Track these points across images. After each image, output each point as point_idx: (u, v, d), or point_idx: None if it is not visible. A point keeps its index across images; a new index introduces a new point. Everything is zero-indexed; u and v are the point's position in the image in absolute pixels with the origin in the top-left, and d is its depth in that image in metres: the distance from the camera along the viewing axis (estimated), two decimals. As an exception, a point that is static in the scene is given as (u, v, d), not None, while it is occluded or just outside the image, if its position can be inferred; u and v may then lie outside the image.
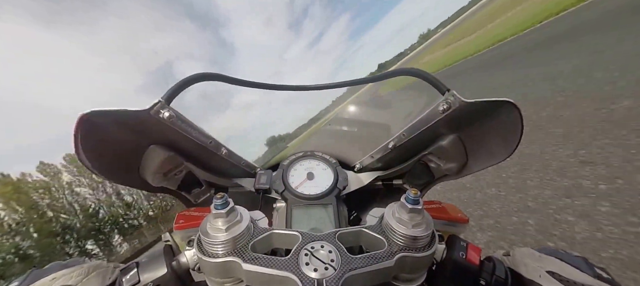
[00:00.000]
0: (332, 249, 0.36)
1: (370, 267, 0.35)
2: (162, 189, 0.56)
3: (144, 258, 0.43)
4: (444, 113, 0.47)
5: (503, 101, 0.42)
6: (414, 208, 0.38)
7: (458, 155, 0.53)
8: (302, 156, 0.70)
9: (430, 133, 0.53)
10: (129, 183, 0.49)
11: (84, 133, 0.38)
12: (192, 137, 0.50)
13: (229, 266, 0.37)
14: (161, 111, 0.44)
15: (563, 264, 0.37)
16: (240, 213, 0.39)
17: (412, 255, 0.37)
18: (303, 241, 0.38)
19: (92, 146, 0.40)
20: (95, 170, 0.41)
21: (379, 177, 0.70)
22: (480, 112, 0.46)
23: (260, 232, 0.40)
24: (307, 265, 0.34)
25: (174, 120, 0.46)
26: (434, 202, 0.59)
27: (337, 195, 0.62)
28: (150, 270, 0.40)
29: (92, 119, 0.37)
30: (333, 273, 0.33)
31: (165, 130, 0.46)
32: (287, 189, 0.62)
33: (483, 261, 0.43)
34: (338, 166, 0.68)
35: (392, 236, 0.38)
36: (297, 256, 0.36)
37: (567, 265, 0.37)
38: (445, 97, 0.47)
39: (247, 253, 0.36)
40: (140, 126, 0.44)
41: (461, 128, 0.51)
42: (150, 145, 0.48)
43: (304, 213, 0.59)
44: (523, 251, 0.43)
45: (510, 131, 0.44)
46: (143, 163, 0.49)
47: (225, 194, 0.38)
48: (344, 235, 0.40)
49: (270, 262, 0.35)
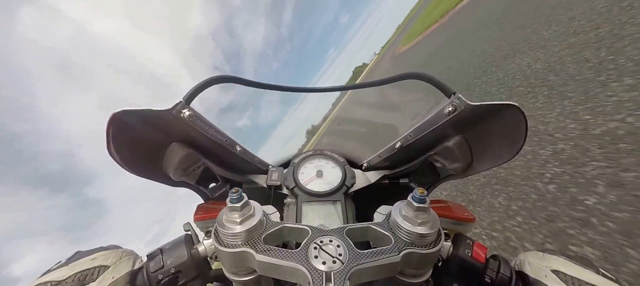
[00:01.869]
0: (340, 243, 0.38)
1: (377, 262, 0.37)
2: (182, 183, 0.59)
3: (167, 245, 0.46)
4: (450, 115, 0.48)
5: (508, 104, 0.43)
6: (420, 206, 0.39)
7: (463, 155, 0.54)
8: (312, 154, 0.72)
9: (436, 134, 0.54)
10: (152, 177, 0.53)
11: (115, 131, 0.41)
12: (210, 135, 0.53)
13: (243, 256, 0.39)
14: (182, 111, 0.47)
15: (568, 263, 0.38)
16: (253, 207, 0.42)
17: (418, 251, 0.38)
18: (312, 236, 0.40)
19: (121, 142, 0.43)
20: (123, 164, 0.44)
21: (385, 175, 0.72)
22: (485, 115, 0.47)
23: (272, 225, 0.42)
24: (316, 258, 0.36)
25: (194, 120, 0.49)
26: (441, 201, 0.60)
27: (345, 192, 0.64)
28: (172, 256, 0.44)
29: (122, 118, 0.41)
30: (341, 266, 0.35)
31: (186, 128, 0.50)
32: (297, 186, 0.65)
33: (489, 259, 0.45)
34: (346, 164, 0.70)
35: (399, 233, 0.40)
36: (306, 249, 0.37)
37: (572, 264, 0.37)
38: (451, 100, 0.49)
39: (260, 244, 0.39)
40: (163, 125, 0.48)
41: (466, 130, 0.52)
42: (172, 143, 0.52)
43: (313, 209, 0.62)
44: (528, 252, 0.44)
45: (514, 133, 0.45)
46: (165, 159, 0.52)
47: (240, 189, 0.41)
48: (352, 231, 0.42)
49: (281, 254, 0.37)
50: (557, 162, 2.08)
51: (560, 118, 2.43)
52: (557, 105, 2.63)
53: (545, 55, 3.71)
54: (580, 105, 2.40)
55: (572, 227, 1.60)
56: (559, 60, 3.34)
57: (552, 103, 2.71)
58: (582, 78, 2.70)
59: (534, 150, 2.32)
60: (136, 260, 0.44)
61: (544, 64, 3.53)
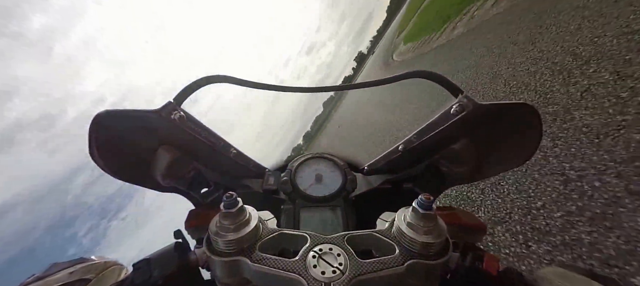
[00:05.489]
0: (341, 252, 0.36)
1: (380, 273, 0.34)
2: (172, 189, 0.56)
3: (155, 254, 0.43)
4: (457, 116, 0.46)
5: (521, 104, 0.40)
6: (426, 213, 0.36)
7: (471, 159, 0.51)
8: (311, 157, 0.70)
9: (442, 136, 0.51)
10: (140, 183, 0.50)
11: (98, 134, 0.39)
12: (202, 138, 0.50)
13: (236, 265, 0.36)
14: (172, 112, 0.45)
15: (594, 284, 0.35)
16: (249, 213, 0.39)
17: (424, 262, 0.36)
18: (311, 243, 0.37)
19: (105, 146, 0.41)
20: (107, 169, 0.42)
21: (388, 179, 0.69)
22: (495, 116, 0.44)
23: (269, 232, 0.40)
24: (314, 268, 0.34)
25: (185, 121, 0.47)
26: (449, 208, 0.57)
27: (346, 197, 0.61)
28: (160, 266, 0.41)
29: (106, 119, 0.38)
30: (341, 276, 0.33)
31: (176, 131, 0.47)
32: (295, 190, 0.62)
33: (501, 272, 0.42)
34: (346, 168, 0.67)
35: (403, 242, 0.37)
36: (305, 258, 0.35)
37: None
38: (458, 99, 0.46)
39: (255, 253, 0.36)
40: (151, 127, 0.45)
41: (475, 131, 0.49)
42: (161, 146, 0.49)
43: (311, 215, 0.59)
44: (549, 268, 0.41)
45: (527, 136, 0.43)
46: (154, 163, 0.50)
47: (235, 194, 0.38)
48: (353, 238, 0.39)
49: (277, 263, 0.35)
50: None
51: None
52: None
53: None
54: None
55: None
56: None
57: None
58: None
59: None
60: (121, 271, 0.41)
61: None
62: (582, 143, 1.94)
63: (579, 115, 2.15)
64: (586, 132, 1.98)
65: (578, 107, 2.22)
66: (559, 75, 2.75)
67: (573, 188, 1.74)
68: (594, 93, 2.20)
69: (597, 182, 1.66)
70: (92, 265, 0.37)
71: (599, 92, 2.18)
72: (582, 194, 1.68)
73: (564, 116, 2.26)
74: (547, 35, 3.63)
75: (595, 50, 2.61)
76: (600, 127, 1.91)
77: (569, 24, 3.37)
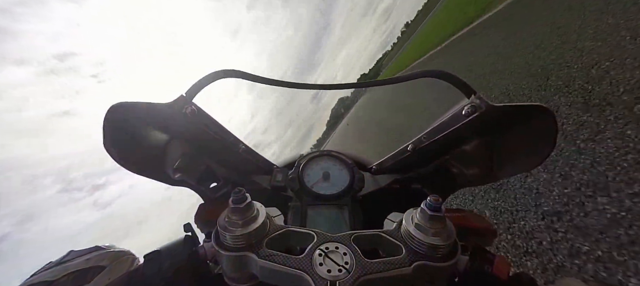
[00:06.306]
0: (347, 251, 0.36)
1: (386, 273, 0.34)
2: (182, 183, 0.57)
3: (166, 246, 0.44)
4: (469, 117, 0.45)
5: (536, 106, 0.39)
6: (434, 214, 0.36)
7: (482, 161, 0.50)
8: (319, 155, 0.69)
9: (453, 137, 0.50)
10: (151, 175, 0.51)
11: (112, 126, 0.40)
12: (213, 132, 0.51)
13: (243, 260, 0.37)
14: (184, 107, 0.46)
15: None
16: (257, 208, 0.40)
17: (431, 264, 0.35)
18: (318, 241, 0.37)
19: (119, 138, 0.41)
20: (120, 160, 0.43)
21: (396, 179, 0.68)
22: (509, 117, 0.43)
23: (276, 229, 0.40)
24: (320, 266, 0.34)
25: (196, 116, 0.47)
26: (458, 210, 0.56)
27: (353, 196, 0.61)
28: (170, 258, 0.42)
29: (119, 112, 0.39)
30: (347, 275, 0.33)
31: (187, 125, 0.48)
32: (302, 188, 0.62)
33: (512, 277, 0.41)
34: (354, 167, 0.66)
35: (410, 243, 0.37)
36: (311, 255, 0.35)
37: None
38: (470, 100, 0.45)
39: (262, 249, 0.36)
40: (163, 120, 0.46)
41: (487, 133, 0.48)
42: (172, 139, 0.50)
43: (318, 213, 0.59)
44: (565, 278, 0.39)
45: (542, 138, 0.41)
46: (165, 157, 0.50)
47: (243, 189, 0.39)
48: (360, 238, 0.39)
49: (284, 259, 0.35)
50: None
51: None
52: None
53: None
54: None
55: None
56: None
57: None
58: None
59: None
60: (133, 261, 0.42)
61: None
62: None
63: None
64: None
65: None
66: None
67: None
68: None
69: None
70: (107, 253, 0.39)
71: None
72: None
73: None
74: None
75: None
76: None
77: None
